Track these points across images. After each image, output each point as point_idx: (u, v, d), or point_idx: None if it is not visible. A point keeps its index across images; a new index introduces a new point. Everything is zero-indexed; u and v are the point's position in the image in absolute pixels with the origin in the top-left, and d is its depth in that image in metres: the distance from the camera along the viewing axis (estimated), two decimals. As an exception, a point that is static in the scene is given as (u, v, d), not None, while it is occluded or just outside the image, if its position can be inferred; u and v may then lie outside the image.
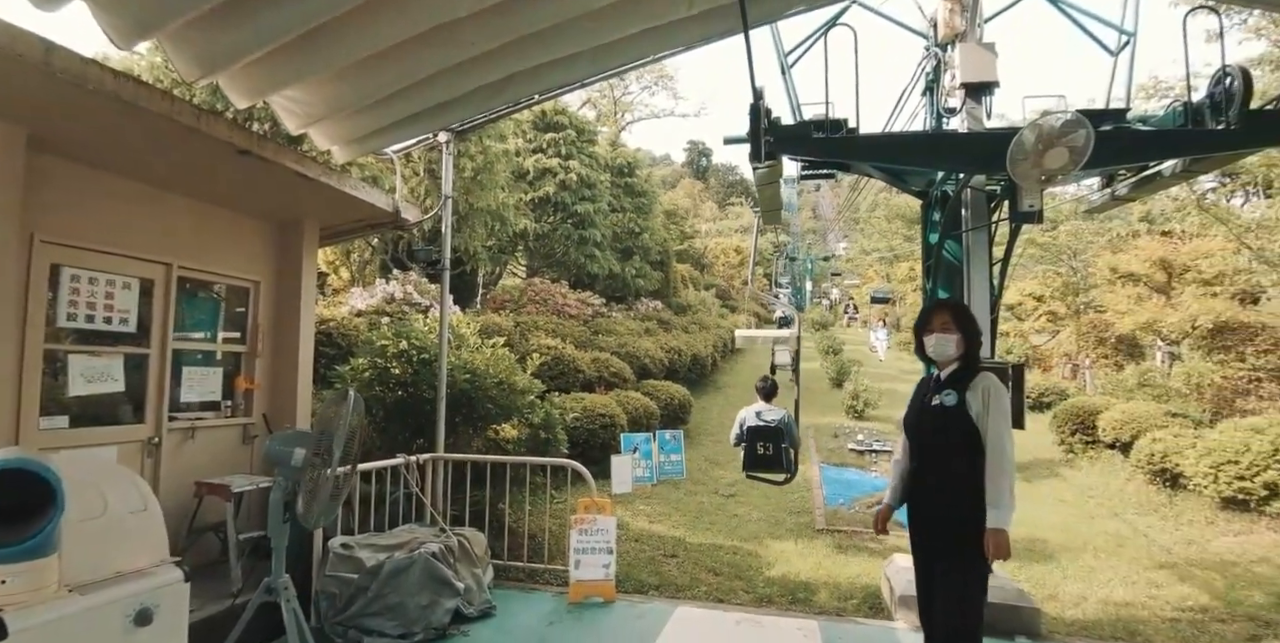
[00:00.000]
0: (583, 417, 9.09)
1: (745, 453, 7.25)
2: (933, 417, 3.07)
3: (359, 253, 13.20)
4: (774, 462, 7.06)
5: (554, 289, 13.61)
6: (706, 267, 39.00)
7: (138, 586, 1.81)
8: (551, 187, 15.06)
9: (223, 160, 4.15)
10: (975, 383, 3.00)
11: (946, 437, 3.02)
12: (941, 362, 3.14)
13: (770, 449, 7.04)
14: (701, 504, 8.66)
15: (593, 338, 12.50)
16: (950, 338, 3.08)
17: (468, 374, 6.14)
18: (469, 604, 4.39)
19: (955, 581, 2.95)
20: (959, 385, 3.01)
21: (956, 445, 2.97)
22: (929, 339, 3.15)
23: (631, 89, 33.83)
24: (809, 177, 6.45)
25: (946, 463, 3.01)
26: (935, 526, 3.06)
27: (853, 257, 56.00)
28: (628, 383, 11.22)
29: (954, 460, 2.98)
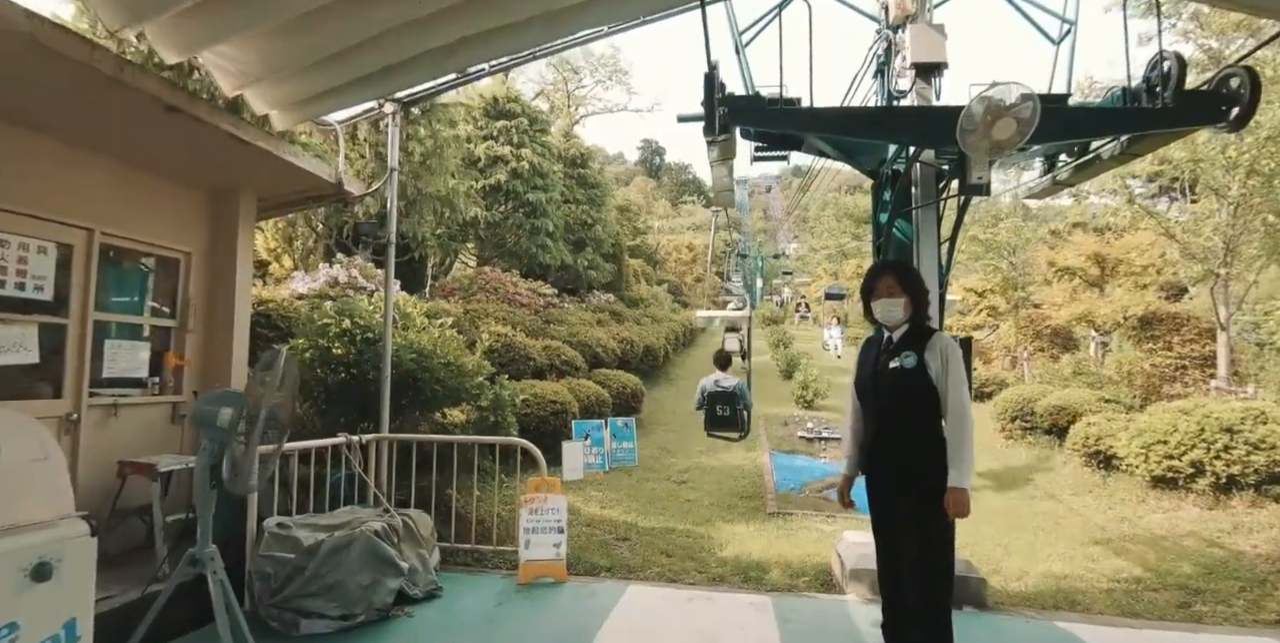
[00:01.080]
0: (534, 403, 8.94)
1: (706, 414, 8.18)
2: (891, 379, 3.03)
3: (302, 240, 12.74)
4: (730, 422, 8.13)
5: (505, 278, 13.38)
6: (659, 263, 39.14)
7: (34, 538, 1.64)
8: (503, 174, 14.79)
9: (150, 119, 3.91)
10: (932, 343, 3.00)
11: (906, 397, 3.00)
12: (891, 325, 3.12)
13: (727, 411, 8.11)
14: (654, 491, 8.61)
15: (544, 327, 12.34)
16: (897, 302, 3.06)
17: (414, 354, 5.94)
18: (414, 585, 4.23)
19: (925, 529, 2.95)
20: (916, 346, 3.00)
21: (916, 406, 2.96)
22: (876, 305, 3.13)
23: (585, 82, 33.67)
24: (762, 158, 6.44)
25: (906, 425, 3.00)
26: (898, 487, 3.04)
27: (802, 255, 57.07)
28: (579, 371, 11.11)
29: (914, 422, 2.98)
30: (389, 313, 5.63)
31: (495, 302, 12.33)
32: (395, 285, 6.16)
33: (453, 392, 6.12)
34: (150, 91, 3.62)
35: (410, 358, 5.99)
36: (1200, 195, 13.67)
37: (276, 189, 5.36)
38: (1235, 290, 12.20)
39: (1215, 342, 12.03)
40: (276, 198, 5.55)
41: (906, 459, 2.99)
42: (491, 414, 6.39)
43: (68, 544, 1.69)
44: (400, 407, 6.25)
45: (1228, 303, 11.94)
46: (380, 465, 5.41)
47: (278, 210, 5.82)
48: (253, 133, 4.45)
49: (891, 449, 3.05)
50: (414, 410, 6.39)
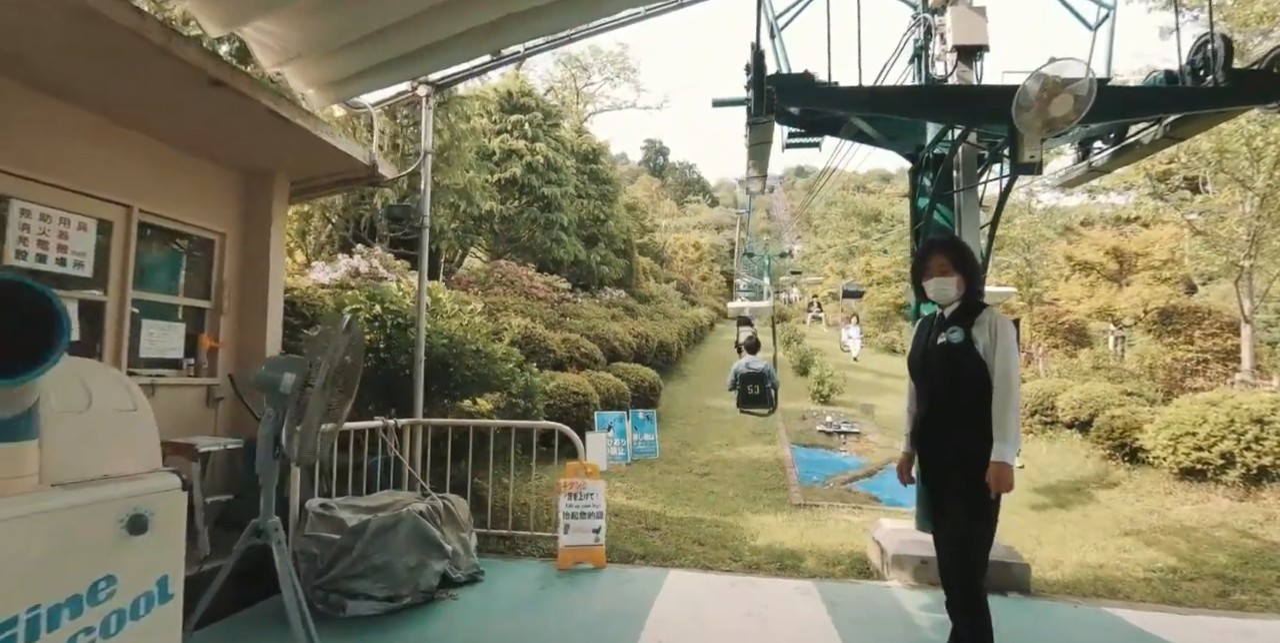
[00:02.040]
0: (556, 394, 8.89)
1: (738, 393, 9.01)
2: (940, 355, 3.00)
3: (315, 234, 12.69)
4: (760, 399, 8.99)
5: (521, 271, 13.33)
6: (666, 261, 39.04)
7: (131, 488, 1.58)
8: (518, 168, 14.75)
9: (192, 93, 3.86)
10: (981, 318, 2.94)
11: (954, 374, 2.95)
12: (944, 303, 3.09)
13: (757, 389, 8.97)
14: (677, 482, 8.55)
15: (561, 320, 12.28)
16: (949, 280, 3.02)
17: (445, 340, 5.89)
18: (456, 569, 4.17)
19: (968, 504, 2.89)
20: (964, 322, 2.95)
21: (964, 382, 2.91)
22: (929, 284, 3.08)
23: (594, 80, 33.65)
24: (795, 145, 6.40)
25: (955, 402, 2.96)
26: (947, 465, 2.99)
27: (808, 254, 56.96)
28: (598, 364, 11.05)
29: (963, 399, 2.92)
30: (422, 298, 5.59)
31: (513, 295, 12.28)
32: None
33: (482, 378, 6.07)
34: (196, 63, 3.57)
35: (441, 344, 5.94)
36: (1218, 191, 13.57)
37: (310, 171, 5.30)
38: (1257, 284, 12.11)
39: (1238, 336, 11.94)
40: (309, 180, 5.50)
41: (956, 438, 2.94)
42: (522, 401, 6.33)
43: (161, 498, 1.63)
44: (430, 393, 6.20)
45: (1251, 296, 11.86)
46: (415, 451, 5.35)
47: (309, 194, 5.77)
48: (292, 110, 4.40)
49: (941, 428, 3.02)
50: (444, 397, 6.34)
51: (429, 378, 6.02)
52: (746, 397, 9.16)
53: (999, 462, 2.75)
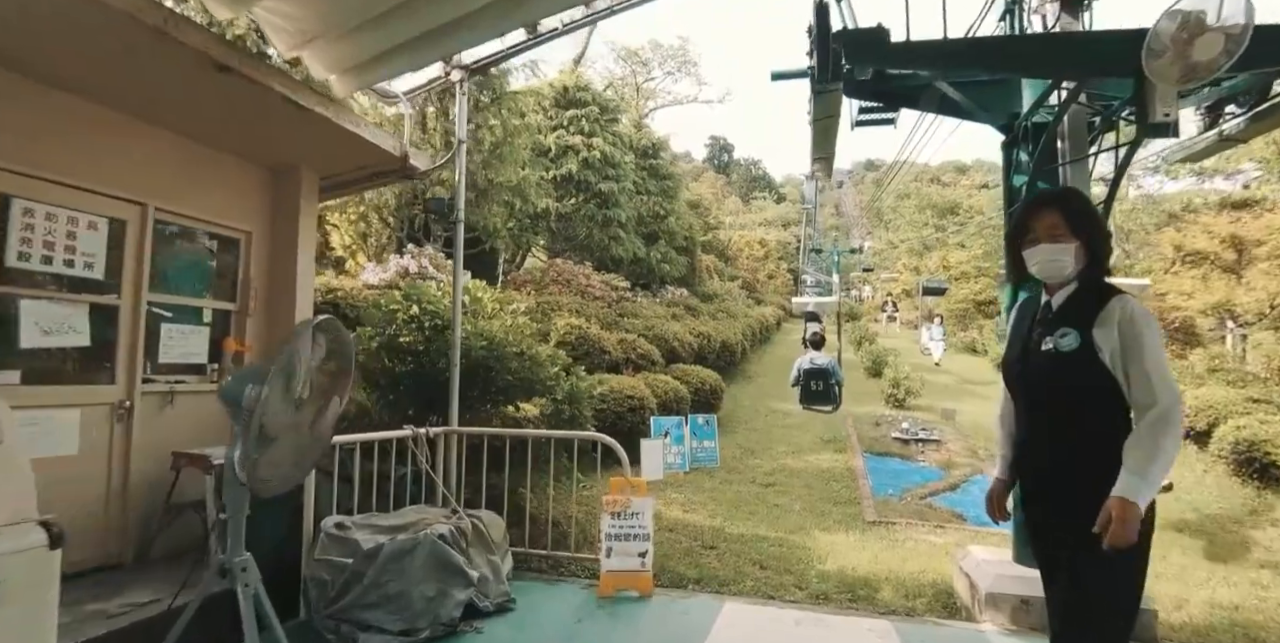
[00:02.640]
0: (609, 398, 8.44)
1: (801, 389, 9.20)
2: (1046, 364, 2.10)
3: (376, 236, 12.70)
4: (824, 396, 9.17)
5: (577, 270, 12.98)
6: (730, 259, 38.20)
7: (-30, 551, 1.19)
8: (574, 164, 14.42)
9: (200, 81, 3.58)
10: (1106, 314, 2.01)
11: (1065, 392, 2.07)
12: (1054, 282, 2.17)
13: (821, 385, 9.13)
14: (739, 494, 7.97)
15: (618, 320, 11.86)
16: (1064, 248, 2.07)
17: (484, 342, 5.51)
18: (484, 597, 3.75)
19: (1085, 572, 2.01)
20: (1082, 318, 2.04)
21: (1078, 408, 2.05)
22: (1031, 253, 2.16)
23: (655, 74, 33.22)
24: (866, 122, 5.74)
25: (1063, 431, 2.08)
26: (1057, 510, 2.10)
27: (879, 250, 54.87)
28: (656, 366, 10.56)
29: (1076, 428, 2.06)
30: (458, 297, 5.22)
31: (568, 294, 11.94)
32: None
33: (525, 383, 5.67)
34: (198, 47, 3.28)
35: (480, 346, 5.57)
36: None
37: (337, 164, 5.01)
38: None
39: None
40: (338, 175, 5.21)
41: (1064, 478, 2.07)
42: (568, 407, 5.90)
43: (17, 560, 1.24)
44: (470, 399, 5.84)
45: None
46: (449, 462, 4.99)
47: (341, 190, 5.50)
48: (309, 97, 4.09)
49: (1044, 462, 2.14)
50: (485, 403, 5.98)
51: (469, 383, 5.66)
52: (810, 393, 9.33)
53: (1123, 499, 1.86)
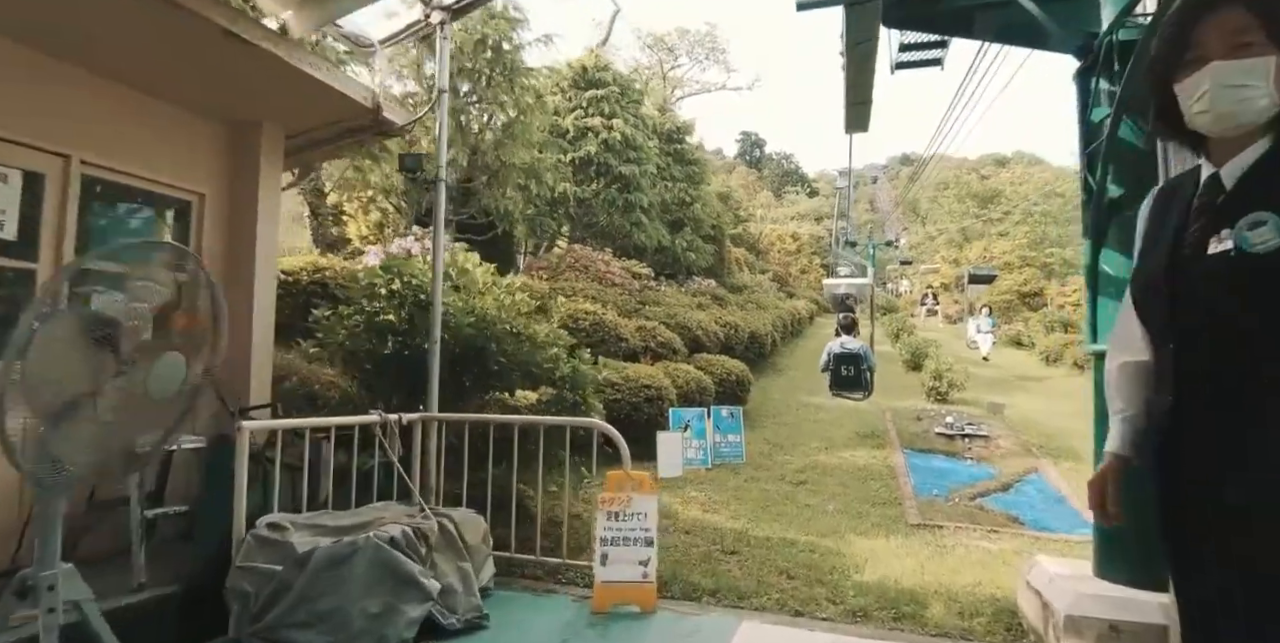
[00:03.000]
0: (624, 388, 7.81)
1: (831, 375, 9.15)
2: (1221, 273, 1.28)
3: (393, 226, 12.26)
4: (855, 382, 9.08)
5: (596, 256, 12.37)
6: (762, 253, 37.27)
7: None
8: (593, 146, 13.81)
9: (123, 11, 3.05)
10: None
11: (1251, 314, 1.25)
12: (1227, 136, 1.34)
13: (852, 371, 9.00)
14: (766, 492, 7.26)
15: (639, 308, 11.23)
16: (1258, 64, 1.26)
17: (473, 318, 4.91)
18: (448, 612, 3.14)
19: None
20: None
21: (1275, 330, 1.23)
22: (1195, 81, 1.31)
23: (682, 61, 32.48)
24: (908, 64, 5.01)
25: (1251, 377, 1.26)
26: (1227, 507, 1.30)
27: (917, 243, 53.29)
28: (678, 355, 9.89)
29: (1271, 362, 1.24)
30: (438, 267, 4.64)
31: (586, 281, 11.34)
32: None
33: (521, 366, 5.05)
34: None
35: (468, 325, 4.97)
36: None
37: (303, 118, 4.46)
38: None
39: None
40: (308, 132, 4.67)
41: (1248, 452, 1.26)
42: (570, 393, 5.27)
43: None
44: (461, 386, 5.25)
45: None
46: (428, 453, 4.40)
47: (312, 150, 4.94)
48: (255, 31, 3.52)
49: (1212, 430, 1.32)
50: (480, 391, 5.39)
51: (461, 367, 5.08)
52: (840, 379, 9.28)
53: None
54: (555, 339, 5.37)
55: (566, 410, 5.29)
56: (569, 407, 5.30)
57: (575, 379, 5.15)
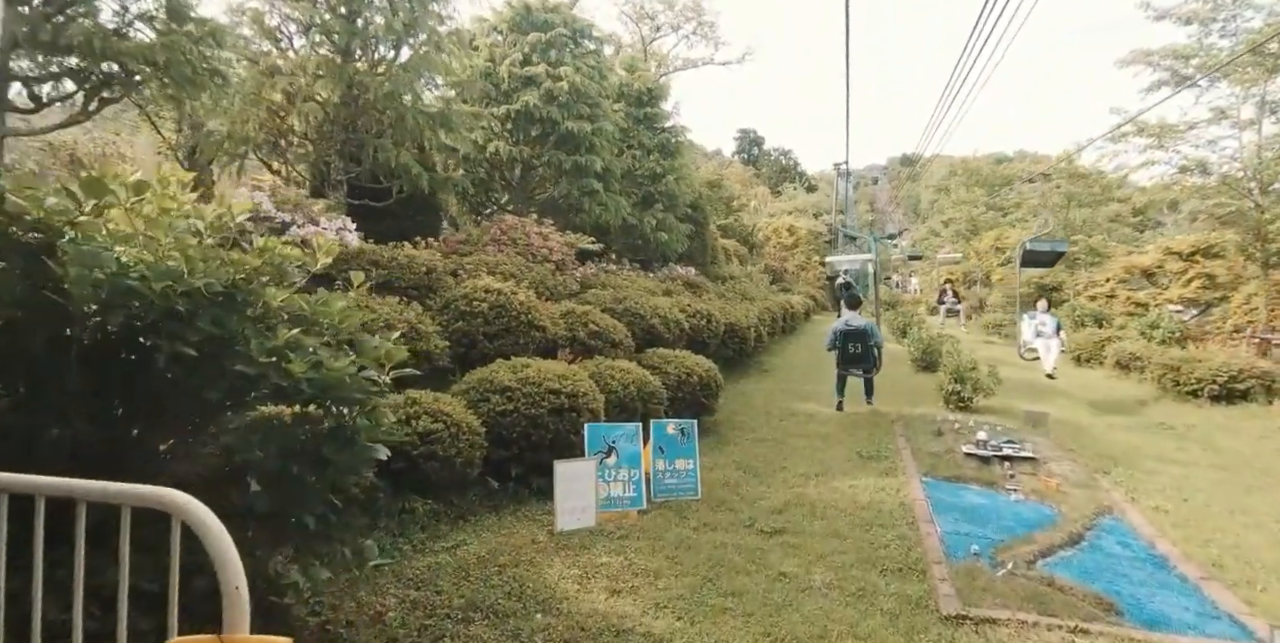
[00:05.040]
0: (520, 394, 5.41)
1: (839, 353, 9.24)
2: None
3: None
4: (862, 358, 9.23)
5: (530, 228, 9.93)
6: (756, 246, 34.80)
7: None
8: (533, 96, 11.35)
9: None
10: None
11: None
12: None
13: (859, 348, 9.12)
14: (722, 550, 4.84)
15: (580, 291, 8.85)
16: None
17: (136, 280, 2.50)
18: None
19: None
20: None
21: None
22: None
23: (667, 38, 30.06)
24: None
25: None
26: None
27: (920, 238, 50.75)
28: (618, 349, 7.47)
29: None
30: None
31: (514, 256, 8.92)
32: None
33: (213, 362, 2.62)
34: None
35: (126, 288, 2.54)
36: None
37: None
38: None
39: None
40: None
41: None
42: (327, 412, 2.85)
43: None
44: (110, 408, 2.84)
45: None
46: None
47: None
48: None
49: None
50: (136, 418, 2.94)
51: (101, 369, 2.69)
52: (847, 356, 9.26)
53: None
54: (313, 309, 2.94)
55: (325, 443, 2.85)
56: (330, 436, 2.87)
57: (327, 386, 2.71)
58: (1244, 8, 12.65)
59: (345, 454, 2.83)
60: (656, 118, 15.21)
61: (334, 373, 2.70)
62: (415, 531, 4.55)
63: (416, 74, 8.53)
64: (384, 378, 2.95)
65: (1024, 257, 11.75)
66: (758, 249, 35.54)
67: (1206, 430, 9.39)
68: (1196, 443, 8.78)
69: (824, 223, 47.63)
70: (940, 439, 7.98)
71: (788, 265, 37.29)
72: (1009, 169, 38.80)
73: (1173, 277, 16.41)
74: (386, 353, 2.91)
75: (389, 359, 2.93)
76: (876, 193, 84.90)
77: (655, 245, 14.38)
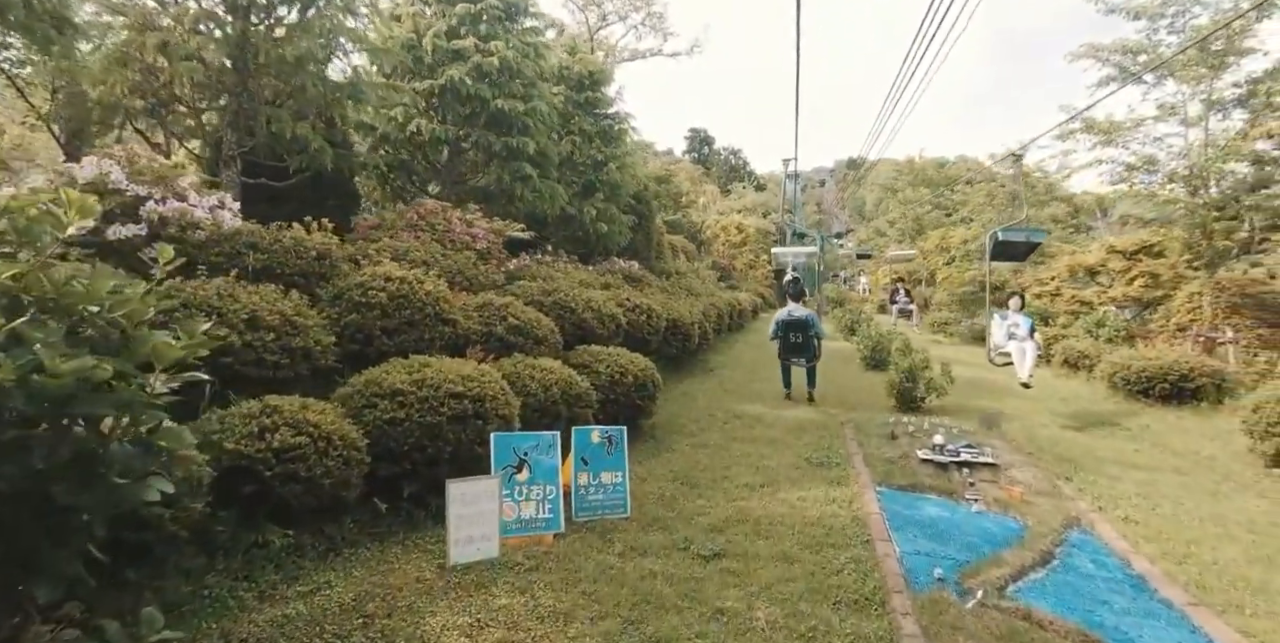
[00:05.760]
0: (415, 399, 4.57)
1: (780, 343, 9.80)
2: None
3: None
4: (803, 348, 9.70)
5: (452, 214, 9.03)
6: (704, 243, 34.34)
7: None
8: (460, 71, 10.43)
9: None
10: None
11: None
12: None
13: (800, 338, 9.62)
14: (651, 581, 4.10)
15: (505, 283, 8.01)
16: None
17: None
18: None
19: None
20: None
21: None
22: None
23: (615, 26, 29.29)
24: None
25: None
26: None
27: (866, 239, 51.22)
28: (542, 346, 6.67)
29: None
30: None
31: (431, 243, 8.02)
32: None
33: None
34: None
35: None
36: None
37: None
38: None
39: None
40: None
41: None
42: (59, 437, 1.99)
43: None
44: None
45: None
46: None
47: None
48: None
49: None
50: None
51: None
52: (789, 345, 9.56)
53: None
54: (60, 291, 2.07)
55: (57, 481, 1.99)
56: (65, 470, 2.01)
57: (52, 398, 1.86)
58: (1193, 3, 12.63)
59: (87, 496, 1.97)
60: (599, 103, 14.43)
61: (56, 380, 1.84)
62: (267, 571, 3.67)
63: (317, 37, 7.54)
64: (156, 385, 2.10)
65: (994, 248, 10.15)
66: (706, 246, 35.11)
67: (1161, 431, 9.12)
68: (1154, 445, 8.47)
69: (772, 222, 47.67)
70: (894, 443, 7.43)
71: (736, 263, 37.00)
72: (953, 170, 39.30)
73: (1115, 275, 16.54)
74: (155, 350, 2.05)
75: (161, 359, 2.08)
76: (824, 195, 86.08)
77: (596, 237, 13.58)
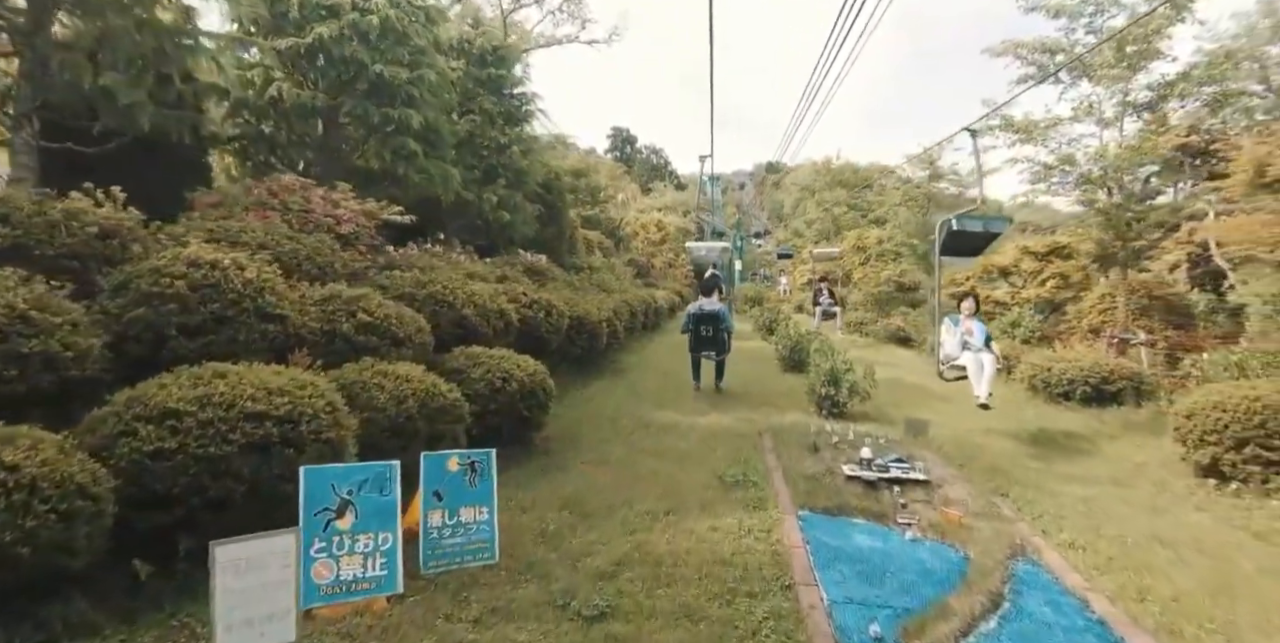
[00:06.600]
0: (193, 423, 3.37)
1: (691, 336, 9.69)
2: None
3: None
4: (714, 342, 9.66)
5: (313, 192, 7.67)
6: (623, 241, 33.49)
7: None
8: (330, 28, 9.04)
9: None
10: None
11: None
12: None
13: (711, 331, 9.55)
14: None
15: (366, 271, 6.81)
16: None
17: None
18: None
19: None
20: None
21: None
22: None
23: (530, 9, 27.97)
24: None
25: None
26: None
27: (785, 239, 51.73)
28: (406, 346, 5.50)
29: None
30: None
31: (280, 224, 6.70)
32: None
33: None
34: None
35: None
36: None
37: None
38: None
39: None
40: None
41: None
42: None
43: None
44: None
45: None
46: None
47: None
48: None
49: None
50: None
51: None
52: (700, 339, 9.55)
53: None
54: None
55: None
56: None
57: None
58: (1111, 4, 12.66)
59: None
60: (503, 81, 13.20)
61: None
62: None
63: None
64: None
65: (946, 240, 8.04)
66: (625, 243, 34.28)
67: (1088, 437, 8.80)
68: (1083, 452, 8.09)
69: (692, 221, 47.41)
70: (817, 457, 6.65)
71: (655, 261, 36.35)
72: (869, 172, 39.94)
73: (1028, 276, 16.71)
74: None
75: None
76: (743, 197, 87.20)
77: (499, 227, 12.39)
